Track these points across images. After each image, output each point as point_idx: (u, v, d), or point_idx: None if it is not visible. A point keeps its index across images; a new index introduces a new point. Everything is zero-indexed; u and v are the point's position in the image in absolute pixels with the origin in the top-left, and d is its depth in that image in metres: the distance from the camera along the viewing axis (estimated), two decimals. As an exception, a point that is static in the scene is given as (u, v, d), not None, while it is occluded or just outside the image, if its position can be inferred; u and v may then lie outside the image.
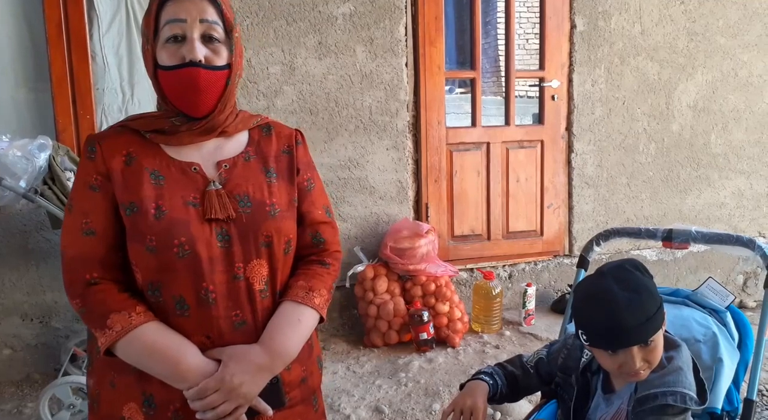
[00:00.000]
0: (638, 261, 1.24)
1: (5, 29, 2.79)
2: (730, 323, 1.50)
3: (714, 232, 1.59)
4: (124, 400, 1.11)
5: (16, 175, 2.35)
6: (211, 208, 1.10)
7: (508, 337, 3.27)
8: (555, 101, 3.62)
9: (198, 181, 1.12)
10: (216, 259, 1.09)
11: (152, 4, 1.11)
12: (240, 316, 1.11)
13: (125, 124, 1.17)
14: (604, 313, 1.14)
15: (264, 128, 1.23)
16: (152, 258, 1.08)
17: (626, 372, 1.17)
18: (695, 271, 3.88)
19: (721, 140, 3.90)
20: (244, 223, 1.11)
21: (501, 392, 1.36)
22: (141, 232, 1.08)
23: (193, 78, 1.08)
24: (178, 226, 1.08)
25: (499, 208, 3.61)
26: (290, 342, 1.13)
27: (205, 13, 1.10)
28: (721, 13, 3.78)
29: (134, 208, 1.08)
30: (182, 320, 1.09)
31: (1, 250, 2.79)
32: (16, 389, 2.78)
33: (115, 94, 2.94)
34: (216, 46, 1.11)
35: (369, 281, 3.15)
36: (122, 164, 1.11)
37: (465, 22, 4.81)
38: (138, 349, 1.06)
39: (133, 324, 1.05)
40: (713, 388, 1.40)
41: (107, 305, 1.07)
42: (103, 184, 1.10)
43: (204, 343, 1.09)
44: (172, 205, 1.09)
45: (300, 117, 3.17)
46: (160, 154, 1.13)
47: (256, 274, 1.12)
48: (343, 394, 2.68)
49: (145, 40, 1.13)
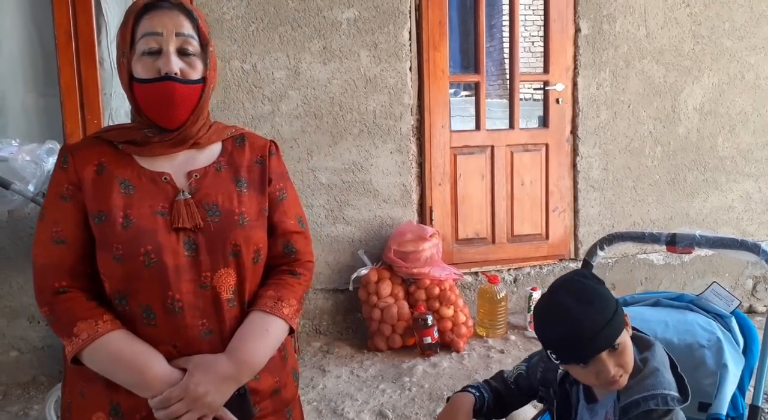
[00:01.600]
0: (586, 271, 1.25)
1: (16, 36, 2.83)
2: (735, 328, 1.49)
3: (718, 236, 1.57)
4: (92, 409, 1.11)
5: (25, 180, 2.38)
6: (179, 217, 1.11)
7: (513, 341, 3.26)
8: (560, 104, 3.62)
9: (168, 191, 1.13)
10: (182, 268, 1.10)
11: (128, 16, 1.12)
12: (207, 325, 1.11)
13: (99, 135, 1.19)
14: (563, 329, 1.14)
15: (238, 139, 1.24)
16: (119, 267, 1.08)
17: (604, 381, 1.17)
18: (703, 276, 3.85)
19: (729, 143, 3.88)
20: (212, 232, 1.12)
21: (488, 405, 1.36)
22: (108, 240, 1.09)
23: (169, 91, 1.10)
24: (145, 235, 1.08)
25: (503, 211, 3.60)
26: (257, 352, 1.13)
27: (182, 27, 1.12)
28: (727, 16, 3.76)
29: (102, 217, 1.09)
30: (149, 329, 1.09)
31: (9, 253, 2.82)
32: (23, 391, 2.80)
33: (122, 98, 2.96)
34: (191, 59, 1.13)
35: (373, 285, 3.15)
36: (93, 174, 1.12)
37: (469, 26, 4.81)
38: (104, 357, 1.07)
39: (99, 332, 1.06)
40: (718, 394, 1.38)
41: (74, 313, 1.08)
42: (74, 193, 1.11)
43: (171, 352, 1.10)
44: (140, 214, 1.10)
45: (305, 121, 3.18)
46: (132, 164, 1.15)
47: (223, 284, 1.12)
48: (347, 399, 2.68)
49: (120, 53, 1.13)
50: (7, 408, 2.67)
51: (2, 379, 2.85)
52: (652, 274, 3.82)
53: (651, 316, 1.53)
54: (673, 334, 1.46)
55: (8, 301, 2.84)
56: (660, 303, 1.60)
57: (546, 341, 1.20)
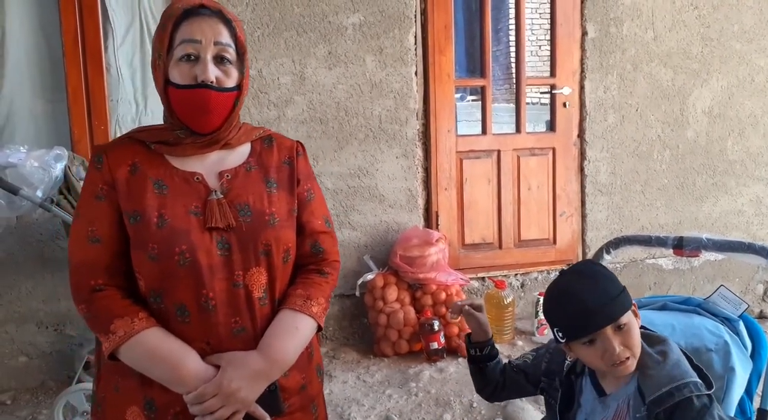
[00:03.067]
0: (595, 261, 1.31)
1: (23, 43, 2.86)
2: (742, 332, 1.47)
3: (726, 240, 1.56)
4: (126, 404, 1.13)
5: (33, 185, 2.39)
6: (212, 217, 1.12)
7: (521, 347, 3.24)
8: (567, 108, 3.60)
9: (200, 191, 1.15)
10: (216, 266, 1.11)
11: (168, 21, 1.13)
12: (239, 323, 1.13)
13: (131, 136, 1.20)
14: (568, 303, 1.19)
15: (266, 140, 1.26)
16: (154, 265, 1.10)
17: (610, 362, 1.18)
18: (712, 280, 3.81)
19: (738, 147, 3.84)
20: (243, 231, 1.14)
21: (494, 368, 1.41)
22: (143, 240, 1.10)
23: (204, 99, 1.12)
24: (179, 235, 1.10)
25: (510, 216, 3.59)
26: (288, 349, 1.15)
27: (220, 36, 1.13)
28: (736, 18, 3.74)
29: (137, 216, 1.11)
30: (183, 327, 1.11)
31: (18, 259, 2.84)
32: (32, 396, 2.82)
33: (129, 105, 2.99)
34: (227, 67, 1.14)
35: (379, 290, 3.14)
36: (127, 174, 1.14)
37: (475, 30, 4.81)
38: (140, 353, 1.09)
39: (135, 329, 1.08)
40: (725, 398, 1.37)
41: (111, 311, 1.10)
42: (108, 193, 1.13)
43: (204, 349, 1.11)
44: (174, 213, 1.12)
45: (310, 126, 3.19)
46: (165, 165, 1.16)
47: (255, 282, 1.14)
48: (354, 404, 2.67)
49: (156, 55, 1.15)
50: (16, 413, 2.69)
51: (11, 384, 2.87)
52: (660, 278, 3.78)
53: (658, 320, 1.52)
54: (680, 337, 1.45)
55: (17, 306, 2.86)
56: (667, 307, 1.58)
57: (553, 320, 1.23)
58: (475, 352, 1.43)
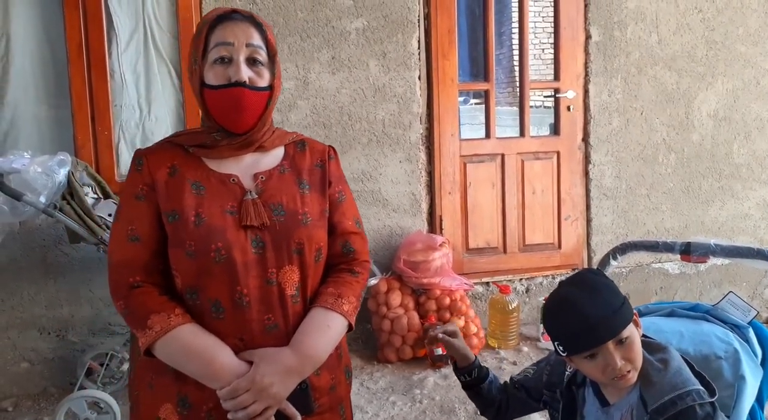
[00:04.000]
0: (596, 268, 1.29)
1: (28, 48, 2.86)
2: (752, 339, 1.44)
3: (734, 245, 1.55)
4: (160, 401, 1.16)
5: (37, 191, 2.39)
6: (247, 216, 1.16)
7: (526, 353, 3.21)
8: (571, 112, 3.59)
9: (236, 191, 1.19)
10: (250, 264, 1.14)
11: (202, 27, 1.19)
12: (272, 320, 1.16)
13: (171, 140, 1.26)
14: (569, 316, 1.17)
15: (299, 144, 1.30)
16: (191, 262, 1.14)
17: (612, 376, 1.16)
18: (719, 285, 3.78)
19: (744, 150, 3.82)
20: (277, 230, 1.17)
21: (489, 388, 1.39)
22: (181, 238, 1.14)
23: (238, 97, 1.16)
24: (216, 232, 1.14)
25: (515, 220, 3.57)
26: (319, 346, 1.17)
27: (251, 38, 1.18)
28: (740, 21, 3.72)
29: (176, 215, 1.16)
30: (217, 323, 1.14)
31: (21, 265, 2.83)
32: (33, 403, 2.81)
33: (132, 110, 2.99)
34: (259, 68, 1.19)
35: (382, 295, 3.12)
36: (166, 176, 1.19)
37: (478, 34, 4.80)
38: (175, 348, 1.12)
39: (171, 325, 1.11)
40: (735, 407, 1.34)
41: (148, 307, 1.13)
42: (148, 194, 1.18)
43: (237, 345, 1.14)
44: (211, 213, 1.16)
45: (314, 131, 3.18)
46: (202, 167, 1.21)
47: (288, 280, 1.17)
48: (357, 411, 2.65)
49: (192, 61, 1.20)
50: (17, 419, 2.68)
51: (13, 390, 2.86)
52: (667, 283, 3.76)
53: (666, 327, 1.50)
54: (688, 344, 1.43)
55: (19, 312, 2.85)
56: (675, 313, 1.56)
57: (554, 333, 1.21)
58: (464, 378, 1.42)
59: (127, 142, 2.98)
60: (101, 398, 2.45)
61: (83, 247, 2.73)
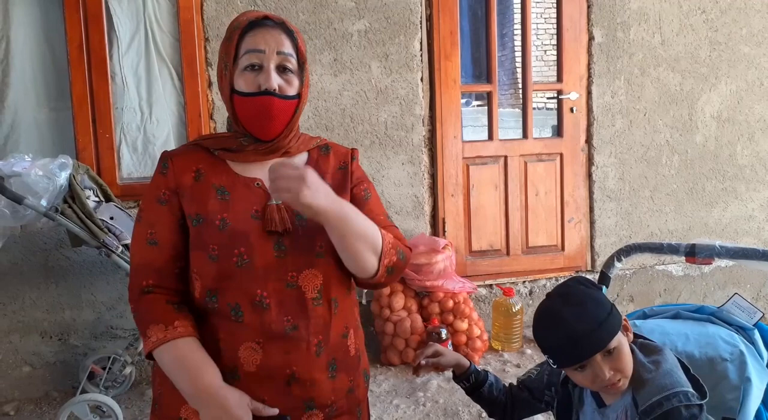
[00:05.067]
0: (584, 277, 1.27)
1: (28, 51, 2.86)
2: (758, 341, 1.44)
3: (739, 247, 1.54)
4: (182, 401, 1.15)
5: (38, 194, 2.38)
6: (271, 221, 1.16)
7: (530, 355, 3.19)
8: (574, 113, 3.57)
9: (260, 196, 1.19)
10: (271, 267, 1.15)
11: (234, 33, 1.18)
12: (291, 321, 1.16)
13: (198, 143, 1.26)
14: (556, 332, 1.18)
15: (323, 148, 1.31)
16: (213, 266, 1.15)
17: (601, 385, 1.18)
18: (724, 287, 3.76)
19: (748, 151, 3.80)
20: (300, 235, 1.17)
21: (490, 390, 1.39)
22: (205, 241, 1.15)
23: (267, 106, 1.17)
24: (240, 237, 1.15)
25: (518, 222, 3.55)
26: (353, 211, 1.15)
27: (282, 46, 1.18)
28: (744, 22, 3.71)
29: (200, 219, 1.17)
30: (236, 326, 1.14)
31: (22, 268, 2.83)
32: (35, 407, 2.80)
33: (133, 113, 2.98)
34: (289, 76, 1.19)
35: (385, 298, 3.11)
36: (192, 180, 1.20)
37: (481, 35, 4.79)
38: (168, 359, 1.13)
39: (166, 338, 1.12)
40: (741, 409, 1.33)
41: (150, 315, 1.15)
42: (170, 198, 1.19)
43: (254, 348, 1.14)
44: (236, 217, 1.16)
45: (316, 133, 3.12)
46: (227, 171, 1.21)
47: (308, 284, 1.17)
48: (360, 414, 2.64)
49: (222, 66, 1.20)
50: (19, 423, 2.67)
51: (15, 394, 2.85)
52: (671, 285, 3.74)
53: (671, 329, 1.49)
54: (694, 347, 1.42)
55: (21, 316, 2.85)
56: (680, 315, 1.56)
57: (543, 347, 1.22)
58: (464, 385, 1.43)
59: (129, 145, 2.97)
60: (104, 402, 2.44)
61: (85, 250, 2.72)
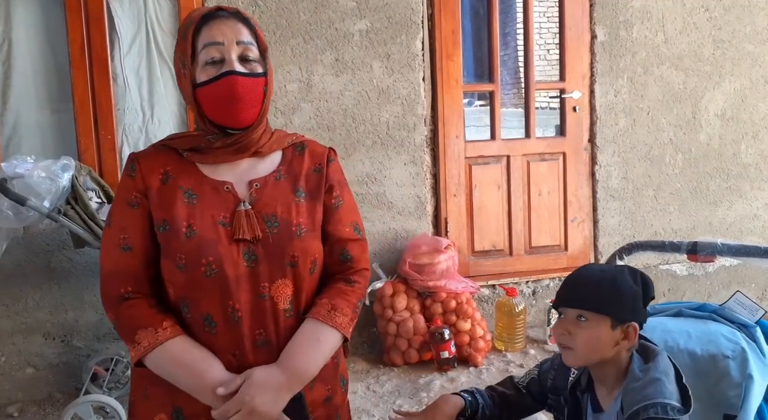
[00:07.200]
0: (641, 272, 1.28)
1: (30, 53, 2.87)
2: (760, 338, 1.44)
3: (741, 245, 1.54)
4: (155, 411, 1.14)
5: (40, 196, 2.39)
6: (240, 229, 1.12)
7: (533, 355, 3.18)
8: (577, 112, 3.56)
9: (229, 201, 1.15)
10: (242, 277, 1.11)
11: (187, 30, 1.14)
12: (263, 335, 1.13)
13: (166, 143, 1.21)
14: (576, 273, 1.24)
15: (298, 147, 1.25)
16: (182, 275, 1.11)
17: (558, 342, 1.23)
18: (728, 286, 3.73)
19: (752, 150, 3.78)
20: (270, 243, 1.13)
21: (484, 412, 1.32)
22: (172, 249, 1.11)
23: (232, 85, 1.11)
24: (207, 246, 1.10)
25: (521, 222, 3.54)
26: (309, 362, 1.13)
27: (241, 35, 1.14)
28: (748, 20, 3.69)
29: (167, 226, 1.12)
30: (211, 338, 1.11)
31: (25, 270, 2.84)
32: (39, 408, 2.80)
33: (135, 113, 2.99)
34: (252, 65, 1.15)
35: (388, 298, 3.10)
36: (159, 183, 1.15)
37: (483, 35, 4.80)
38: (164, 361, 1.10)
39: (159, 340, 1.09)
40: (743, 406, 1.34)
41: (136, 321, 1.11)
42: (141, 201, 1.14)
43: (230, 361, 1.11)
44: (203, 224, 1.12)
45: (317, 134, 3.17)
46: (196, 173, 1.17)
47: (280, 294, 1.14)
48: (363, 415, 2.63)
49: (181, 65, 1.15)
50: (22, 424, 2.68)
51: (18, 396, 2.86)
52: (675, 285, 3.72)
53: (673, 327, 1.49)
54: (696, 344, 1.42)
55: (24, 317, 2.86)
56: (682, 313, 1.55)
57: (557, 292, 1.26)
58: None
59: (131, 146, 2.98)
60: (107, 403, 2.44)
61: (87, 251, 2.73)
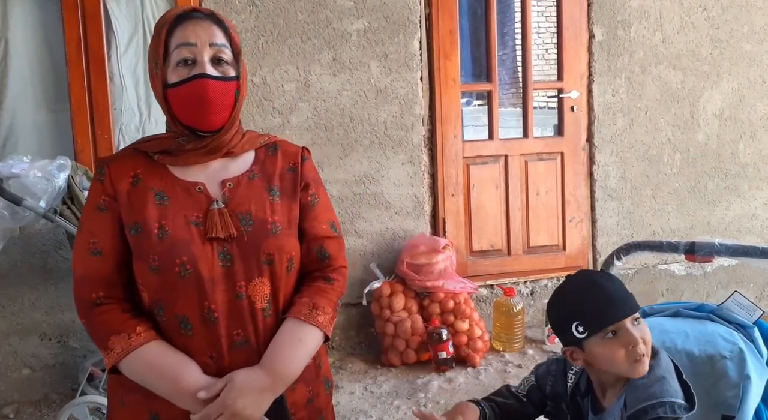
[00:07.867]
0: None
1: (26, 53, 2.86)
2: (758, 339, 1.43)
3: (739, 245, 1.53)
4: (132, 418, 1.13)
5: (37, 196, 2.38)
6: (213, 227, 1.11)
7: (531, 356, 3.18)
8: (575, 112, 3.56)
9: (201, 201, 1.14)
10: (218, 278, 1.10)
11: (161, 28, 1.13)
12: (241, 335, 1.11)
13: (136, 147, 1.20)
14: (592, 294, 1.19)
15: (270, 147, 1.24)
16: (155, 277, 1.10)
17: (633, 356, 1.15)
18: (726, 286, 3.73)
19: (750, 149, 3.78)
20: (245, 241, 1.12)
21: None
22: (144, 251, 1.10)
23: (203, 88, 1.09)
24: (180, 246, 1.09)
25: (519, 222, 3.54)
26: (292, 363, 1.12)
27: (214, 37, 1.13)
28: (746, 19, 3.69)
29: (138, 228, 1.11)
30: (187, 340, 1.10)
31: (21, 270, 2.83)
32: (35, 409, 2.79)
33: (132, 113, 2.98)
34: (225, 68, 1.13)
35: (386, 298, 3.10)
36: (129, 186, 1.14)
37: (481, 34, 4.78)
38: (139, 367, 1.08)
39: (132, 346, 1.07)
40: (741, 406, 1.33)
41: (108, 327, 1.09)
42: (110, 205, 1.13)
43: (207, 363, 1.10)
44: (175, 224, 1.11)
45: (315, 133, 3.16)
46: (167, 175, 1.15)
47: (258, 293, 1.12)
48: (361, 415, 2.63)
49: (153, 64, 1.14)
50: (18, 425, 2.67)
51: (14, 396, 2.85)
52: (673, 285, 3.71)
53: (671, 327, 1.49)
54: (693, 344, 1.41)
55: (20, 318, 2.85)
56: (680, 313, 1.55)
57: (576, 313, 1.19)
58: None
59: (127, 146, 2.97)
60: (103, 404, 2.43)
61: (84, 251, 2.71)
